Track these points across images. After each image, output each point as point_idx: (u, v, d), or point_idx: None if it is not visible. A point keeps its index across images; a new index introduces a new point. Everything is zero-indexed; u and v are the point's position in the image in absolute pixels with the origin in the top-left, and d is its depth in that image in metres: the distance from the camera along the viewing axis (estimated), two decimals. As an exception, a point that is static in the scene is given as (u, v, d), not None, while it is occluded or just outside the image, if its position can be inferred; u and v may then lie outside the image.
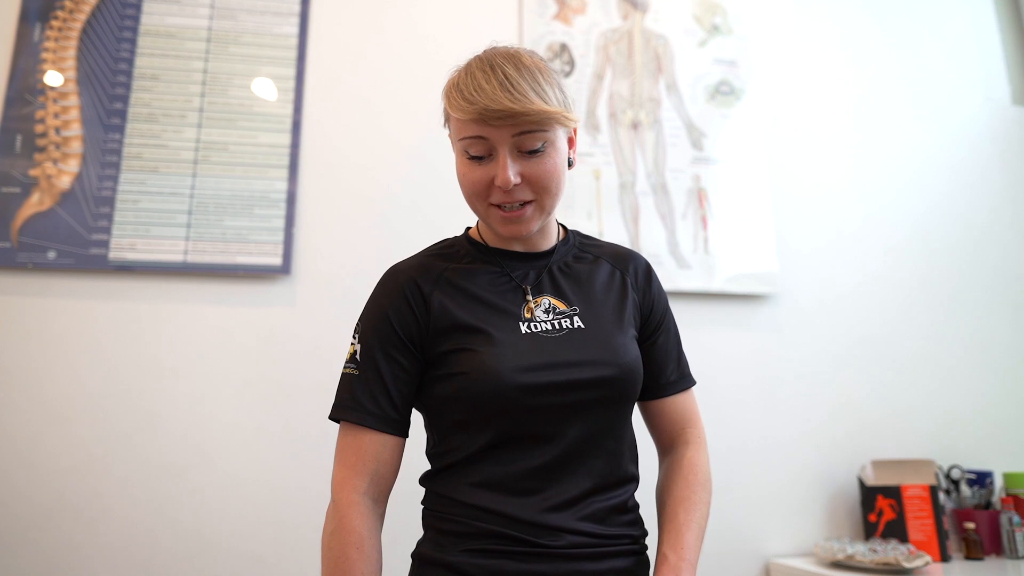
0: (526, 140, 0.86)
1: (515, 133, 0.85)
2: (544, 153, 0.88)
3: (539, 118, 0.84)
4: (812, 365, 2.07)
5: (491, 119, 0.84)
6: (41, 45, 1.80)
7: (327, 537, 0.85)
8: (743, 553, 1.88)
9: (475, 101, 0.83)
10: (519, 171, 0.87)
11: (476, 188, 0.89)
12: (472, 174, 0.89)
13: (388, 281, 0.96)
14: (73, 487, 1.59)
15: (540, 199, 0.90)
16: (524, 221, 0.91)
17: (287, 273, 1.78)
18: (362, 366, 0.91)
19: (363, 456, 0.87)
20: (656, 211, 2.04)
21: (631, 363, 0.92)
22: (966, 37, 2.50)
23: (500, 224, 0.91)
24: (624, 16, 2.16)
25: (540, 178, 0.88)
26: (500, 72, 0.85)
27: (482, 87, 0.84)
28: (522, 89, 0.84)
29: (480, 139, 0.86)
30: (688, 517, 0.92)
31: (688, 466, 0.97)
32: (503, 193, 0.88)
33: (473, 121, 0.85)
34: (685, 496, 0.94)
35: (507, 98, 0.83)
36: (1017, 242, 2.35)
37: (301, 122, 1.88)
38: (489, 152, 0.87)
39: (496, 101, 0.83)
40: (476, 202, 0.91)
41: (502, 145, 0.86)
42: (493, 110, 0.83)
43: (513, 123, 0.84)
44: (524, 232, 0.92)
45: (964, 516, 1.93)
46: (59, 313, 1.67)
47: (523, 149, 0.87)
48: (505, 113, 0.83)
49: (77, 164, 1.75)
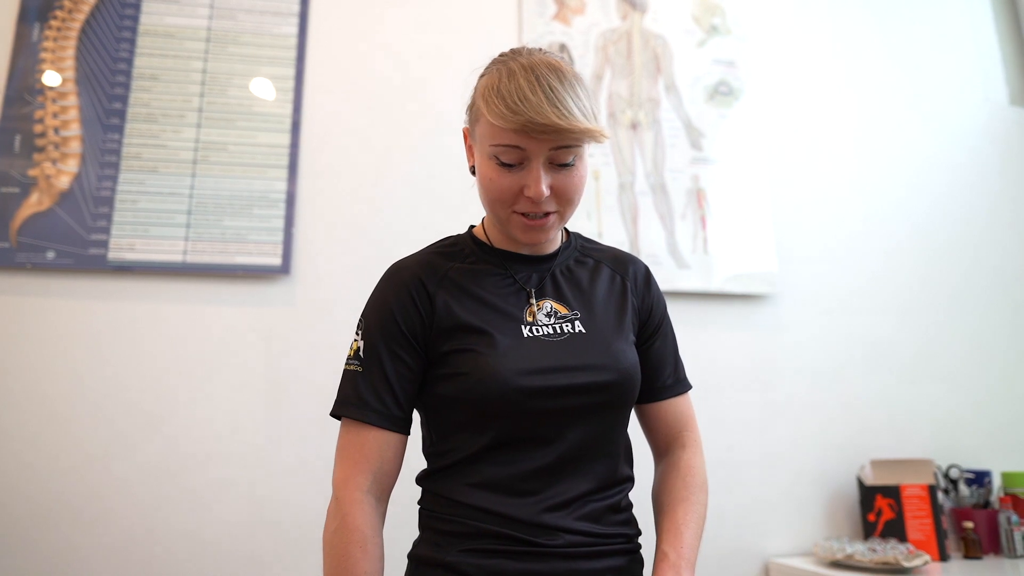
0: (562, 154, 0.85)
1: (553, 147, 0.84)
2: (574, 167, 0.88)
3: (581, 135, 0.83)
4: (811, 365, 2.07)
5: (533, 131, 0.82)
6: (40, 45, 1.79)
7: (329, 535, 0.85)
8: (743, 552, 1.88)
9: (520, 112, 0.81)
10: (550, 183, 0.86)
11: (504, 195, 0.88)
12: (501, 181, 0.87)
13: (393, 278, 0.95)
14: (72, 487, 1.58)
15: (563, 210, 0.90)
16: (546, 230, 0.91)
17: (286, 273, 1.78)
18: (366, 363, 0.90)
19: (366, 454, 0.87)
20: (655, 211, 2.04)
21: (630, 368, 0.92)
22: (964, 38, 2.51)
23: (521, 231, 0.90)
24: (623, 16, 2.17)
25: (567, 191, 0.88)
26: (546, 84, 0.83)
27: (527, 98, 0.81)
28: (567, 105, 0.82)
29: (516, 149, 0.84)
30: (687, 516, 0.92)
31: (686, 468, 0.98)
32: (531, 203, 0.87)
33: (512, 131, 0.83)
34: (683, 497, 0.94)
35: (554, 113, 0.81)
36: (1016, 242, 2.36)
37: (300, 122, 1.88)
38: (520, 161, 0.86)
39: (542, 115, 0.81)
40: (499, 207, 0.90)
41: (537, 157, 0.85)
42: (539, 123, 0.81)
43: (554, 138, 0.83)
44: (543, 240, 0.92)
45: (963, 515, 1.93)
46: (58, 313, 1.67)
47: (556, 162, 0.86)
48: (551, 129, 0.81)
49: (76, 164, 1.75)
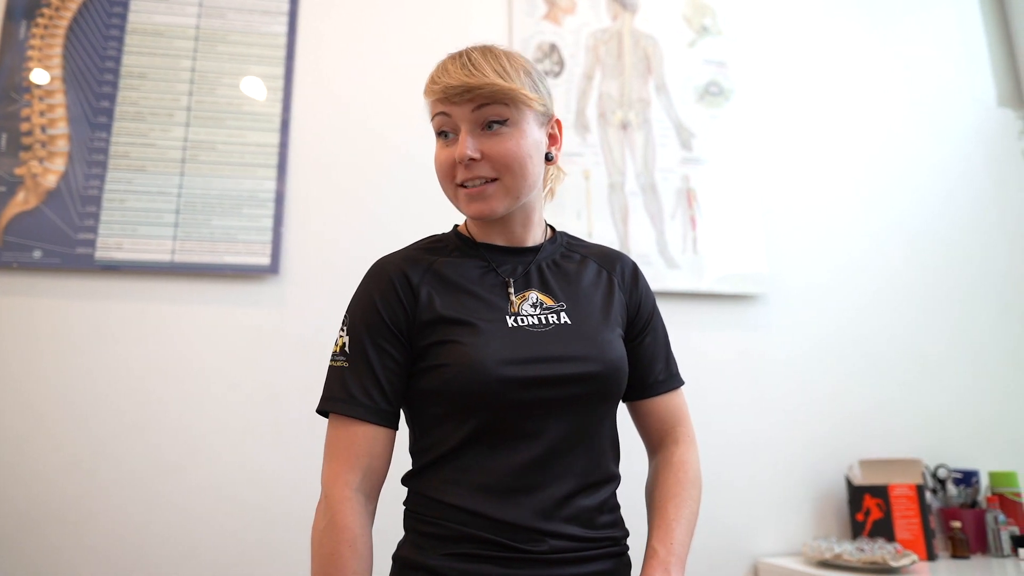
0: (483, 114, 0.89)
1: (474, 108, 0.88)
2: (506, 132, 0.89)
3: (492, 90, 0.87)
4: (800, 365, 2.07)
5: (451, 95, 0.88)
6: (27, 43, 1.78)
7: (318, 534, 0.84)
8: (731, 552, 1.89)
9: (438, 81, 0.89)
10: (479, 147, 0.89)
11: (444, 168, 0.92)
12: (443, 153, 0.92)
13: (376, 272, 0.95)
14: (59, 489, 1.57)
15: (503, 178, 0.90)
16: (486, 198, 0.90)
17: (276, 273, 1.78)
18: (352, 358, 0.89)
19: (355, 450, 0.86)
20: (645, 211, 2.05)
21: (616, 360, 0.91)
22: (953, 39, 2.52)
23: (465, 203, 0.92)
24: (614, 16, 2.16)
25: (501, 155, 0.89)
26: (467, 57, 0.90)
27: (447, 69, 0.90)
28: (479, 65, 0.88)
29: (443, 116, 0.90)
30: (678, 513, 0.92)
31: (678, 464, 0.97)
32: (464, 169, 0.90)
33: (438, 100, 0.90)
34: (675, 493, 0.94)
35: (464, 74, 0.87)
36: (1004, 242, 2.37)
37: (290, 121, 1.87)
38: (453, 130, 0.91)
39: (453, 77, 0.88)
40: (446, 185, 0.94)
41: (463, 121, 0.89)
42: (451, 85, 0.87)
43: (469, 97, 0.88)
44: (488, 211, 0.91)
45: (950, 515, 1.94)
46: (45, 313, 1.66)
47: (481, 123, 0.89)
48: (461, 87, 0.87)
49: (63, 163, 1.74)
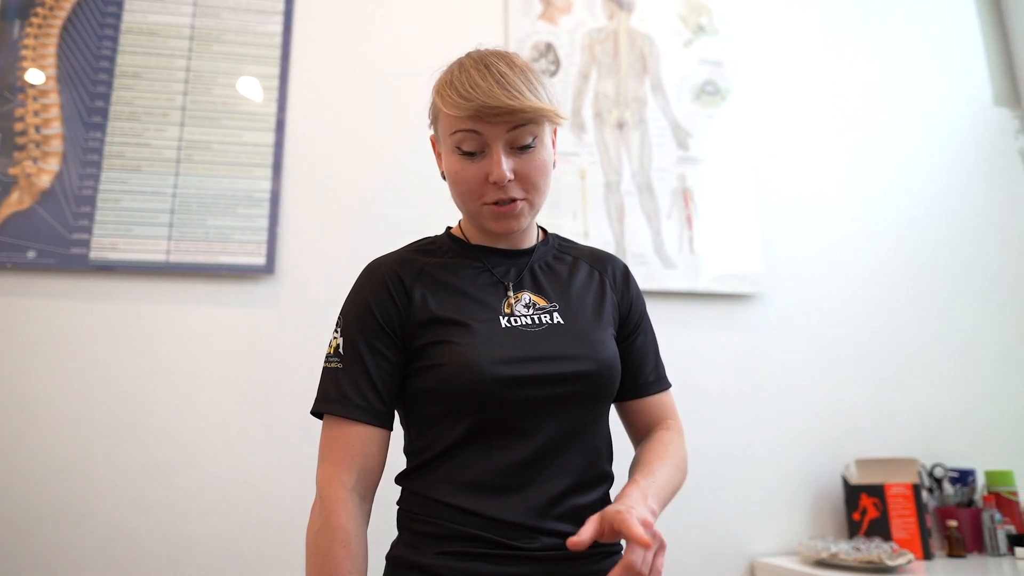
0: (519, 136, 0.87)
1: (509, 129, 0.86)
2: (535, 149, 0.89)
3: (534, 115, 0.86)
4: (797, 364, 2.07)
5: (487, 115, 0.85)
6: (21, 42, 1.78)
7: (312, 534, 0.84)
8: (728, 552, 1.88)
9: (472, 98, 0.84)
10: (512, 167, 0.88)
11: (470, 186, 0.89)
12: (466, 172, 0.89)
13: (370, 274, 0.95)
14: (54, 489, 1.57)
15: (530, 196, 0.91)
16: (516, 216, 0.91)
17: (271, 273, 1.77)
18: (346, 359, 0.90)
19: (350, 451, 0.86)
20: (641, 211, 2.04)
21: (609, 359, 0.92)
22: (949, 39, 2.52)
23: (493, 220, 0.91)
24: (610, 16, 2.16)
25: (531, 174, 0.89)
26: (495, 70, 0.86)
27: (478, 84, 0.85)
28: (517, 86, 0.85)
29: (474, 134, 0.87)
30: (661, 464, 0.90)
31: (667, 440, 0.97)
32: (497, 189, 0.88)
33: (468, 117, 0.86)
34: (659, 455, 0.93)
35: (504, 95, 0.84)
36: (999, 241, 2.37)
37: (285, 121, 1.87)
38: (481, 148, 0.88)
39: (493, 97, 0.84)
40: (468, 200, 0.91)
41: (496, 141, 0.87)
42: (490, 106, 0.84)
43: (507, 119, 0.85)
44: (515, 228, 0.92)
45: (947, 514, 1.94)
46: (39, 313, 1.65)
47: (515, 145, 0.88)
48: (503, 109, 0.84)
49: (58, 163, 1.73)
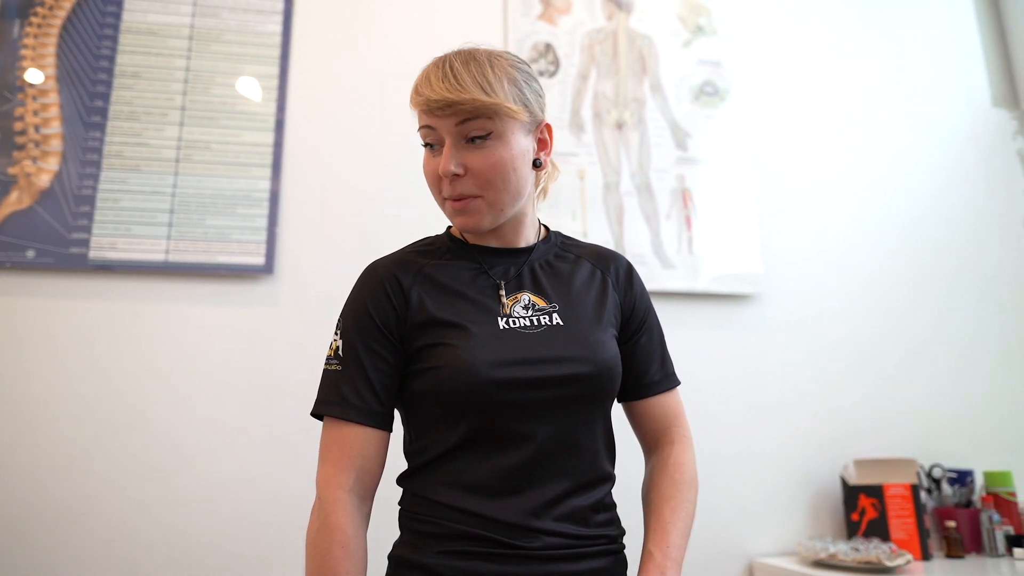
0: (468, 129, 0.88)
1: (457, 122, 0.87)
2: (488, 145, 0.89)
3: (474, 106, 0.86)
4: (795, 365, 2.08)
5: (434, 108, 0.87)
6: (20, 42, 1.78)
7: (312, 535, 0.85)
8: (726, 552, 1.89)
9: (422, 93, 0.88)
10: (463, 162, 0.89)
11: (431, 179, 0.93)
12: (427, 166, 0.93)
13: (368, 276, 0.96)
14: (53, 489, 1.57)
15: (485, 194, 0.90)
16: (471, 214, 0.91)
17: (270, 272, 1.77)
18: (344, 361, 0.90)
19: (349, 452, 0.87)
20: (640, 211, 2.05)
21: (609, 360, 0.91)
22: (947, 40, 2.52)
23: (452, 215, 0.94)
24: (609, 16, 2.17)
25: (483, 171, 0.88)
26: (447, 65, 0.89)
27: (429, 80, 0.88)
28: (462, 79, 0.87)
29: (429, 128, 0.90)
30: (674, 516, 0.92)
31: (674, 465, 0.97)
32: (447, 184, 0.90)
33: (423, 112, 0.90)
34: (671, 495, 0.94)
35: (445, 88, 0.86)
36: (997, 242, 2.37)
37: (284, 121, 1.87)
38: (439, 142, 0.91)
39: (435, 91, 0.87)
40: (436, 196, 0.94)
41: (447, 134, 0.89)
42: (432, 100, 0.87)
43: (452, 112, 0.87)
44: (472, 225, 0.92)
45: (945, 515, 1.94)
46: (38, 313, 1.65)
47: (465, 137, 0.89)
48: (443, 102, 0.86)
49: (57, 162, 1.73)
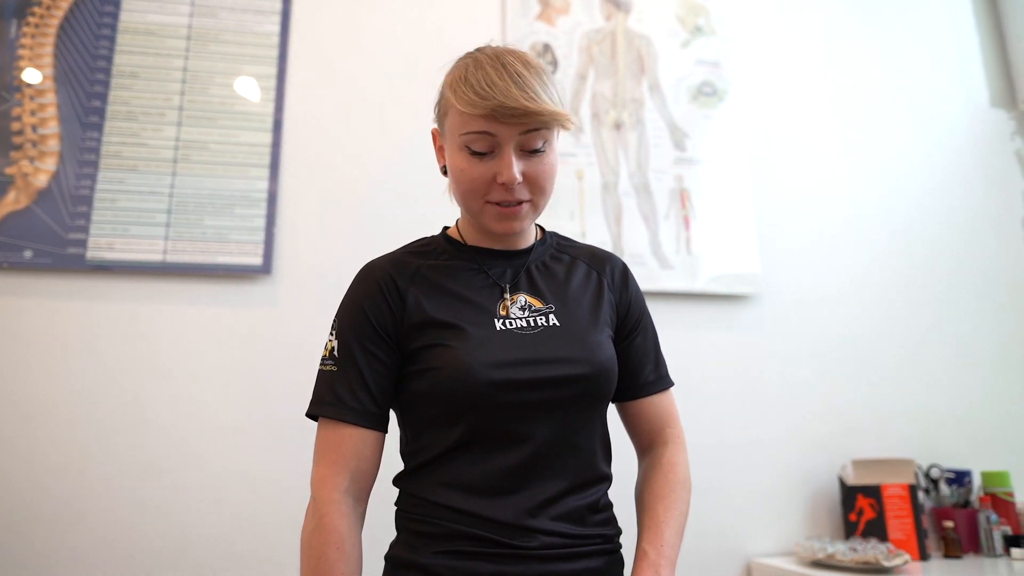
0: (531, 139, 0.86)
1: (522, 131, 0.85)
2: (544, 153, 0.88)
3: (549, 118, 0.85)
4: (793, 365, 2.08)
5: (503, 116, 0.83)
6: (18, 42, 1.77)
7: (307, 536, 0.85)
8: (724, 552, 1.89)
9: (488, 97, 0.82)
10: (521, 169, 0.87)
11: (476, 185, 0.88)
12: (473, 171, 0.87)
13: (364, 276, 0.95)
14: (49, 490, 1.57)
15: (536, 199, 0.91)
16: (519, 218, 0.91)
17: (268, 273, 1.77)
18: (340, 361, 0.90)
19: (343, 453, 0.87)
20: (639, 211, 2.04)
21: (605, 361, 0.91)
22: (946, 40, 2.52)
23: (495, 220, 0.91)
24: (607, 17, 2.16)
25: (539, 178, 0.89)
26: (512, 70, 0.85)
27: (495, 83, 0.83)
28: (535, 89, 0.84)
29: (486, 135, 0.85)
30: (668, 514, 0.92)
31: (668, 465, 0.97)
32: (504, 190, 0.88)
33: (482, 116, 0.84)
34: (664, 494, 0.94)
35: (522, 96, 0.82)
36: (996, 243, 2.38)
37: (283, 121, 1.87)
38: (491, 149, 0.86)
39: (511, 98, 0.82)
40: (472, 199, 0.90)
41: (508, 142, 0.85)
42: (508, 107, 0.82)
43: (523, 121, 0.84)
44: (517, 229, 0.92)
45: (943, 515, 1.95)
46: (35, 313, 1.65)
47: (526, 148, 0.87)
48: (519, 111, 0.82)
49: (54, 162, 1.73)
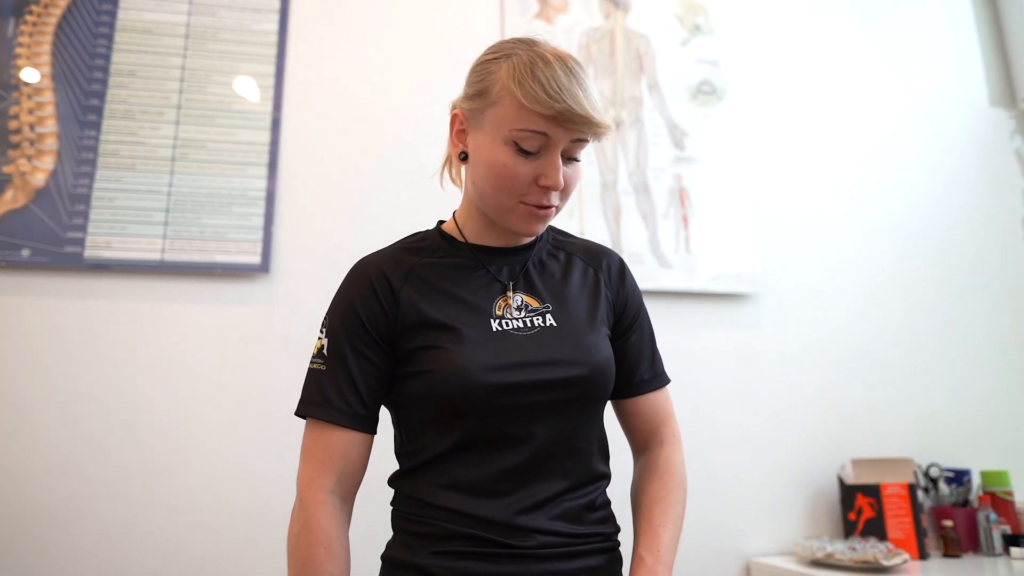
0: (577, 147, 0.87)
1: (574, 139, 0.85)
2: (578, 161, 0.89)
3: (603, 131, 0.85)
4: (792, 364, 2.07)
5: (567, 121, 0.81)
6: (15, 40, 1.77)
7: (293, 537, 0.84)
8: (723, 552, 1.88)
9: (558, 99, 0.81)
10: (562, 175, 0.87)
11: (517, 183, 0.85)
12: (518, 168, 0.85)
13: (356, 274, 0.94)
14: (46, 490, 1.56)
15: (561, 204, 0.91)
16: (546, 221, 0.91)
17: (266, 272, 1.77)
18: (329, 361, 0.89)
19: (330, 454, 0.86)
20: (638, 210, 2.04)
21: (603, 362, 0.90)
22: (945, 40, 2.52)
23: (523, 221, 0.89)
24: (606, 15, 2.16)
25: (571, 184, 0.89)
26: (579, 76, 0.84)
27: (565, 86, 0.81)
28: (596, 99, 0.84)
29: (542, 136, 0.83)
30: (664, 518, 0.91)
31: (664, 466, 0.96)
32: (542, 193, 0.87)
33: (544, 117, 0.82)
34: (661, 497, 0.93)
35: (590, 107, 0.82)
36: (995, 242, 2.37)
37: (281, 120, 1.87)
38: (539, 149, 0.85)
39: (581, 106, 0.81)
40: (507, 196, 0.87)
41: (558, 146, 0.84)
42: (577, 114, 0.81)
43: (582, 129, 0.83)
44: (539, 232, 0.92)
45: (942, 514, 1.94)
46: (33, 312, 1.65)
47: (569, 155, 0.87)
48: (585, 120, 0.82)
49: (52, 161, 1.73)
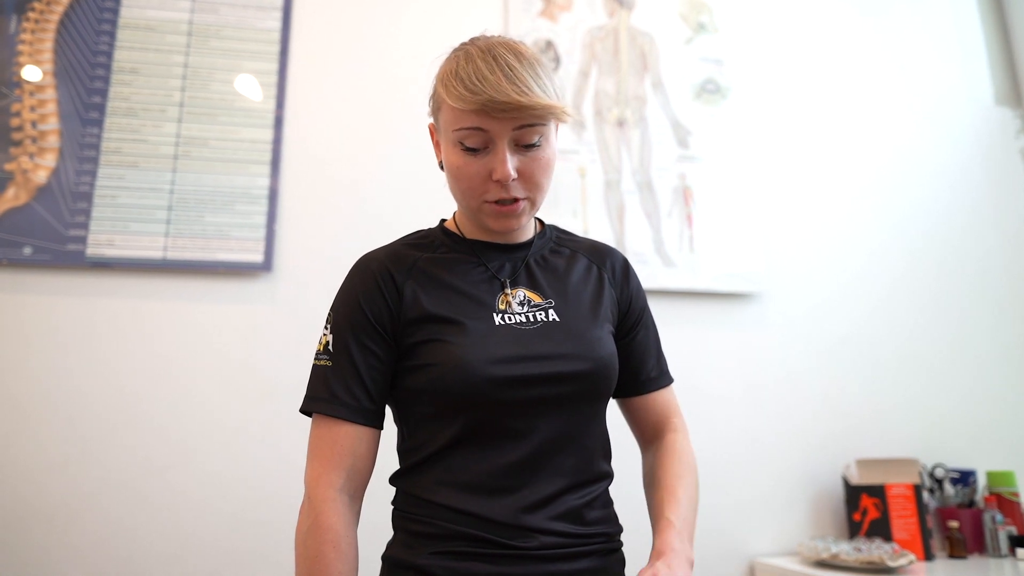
0: (526, 134, 0.84)
1: (516, 127, 0.82)
2: (540, 147, 0.86)
3: (543, 112, 0.82)
4: (797, 364, 2.06)
5: (494, 111, 0.80)
6: (17, 37, 1.76)
7: (302, 535, 0.83)
8: (728, 552, 1.87)
9: (478, 91, 0.80)
10: (516, 165, 0.85)
11: (473, 183, 0.86)
12: (469, 168, 0.85)
13: (360, 269, 0.94)
14: (47, 489, 1.56)
15: (532, 195, 0.88)
16: (517, 216, 0.89)
17: (269, 270, 1.76)
18: (335, 356, 0.88)
19: (339, 450, 0.85)
20: (642, 209, 2.03)
21: (606, 358, 0.90)
22: (950, 38, 2.51)
23: (493, 219, 0.89)
24: (610, 13, 2.15)
25: (534, 174, 0.86)
26: (504, 62, 0.81)
27: (485, 77, 0.80)
28: (526, 81, 0.81)
29: (478, 131, 0.83)
30: (687, 492, 0.92)
31: (680, 450, 0.97)
32: (500, 188, 0.85)
33: (473, 112, 0.81)
34: (681, 474, 0.94)
35: (513, 90, 0.79)
36: (999, 242, 2.36)
37: (284, 117, 1.86)
38: (485, 144, 0.84)
39: (501, 92, 0.79)
40: (469, 197, 0.88)
41: (501, 138, 0.83)
42: (498, 101, 0.79)
43: (516, 116, 0.81)
44: (515, 227, 0.90)
45: (948, 515, 1.93)
46: (35, 310, 1.64)
47: (521, 143, 0.84)
48: (511, 105, 0.79)
49: (54, 159, 1.72)
